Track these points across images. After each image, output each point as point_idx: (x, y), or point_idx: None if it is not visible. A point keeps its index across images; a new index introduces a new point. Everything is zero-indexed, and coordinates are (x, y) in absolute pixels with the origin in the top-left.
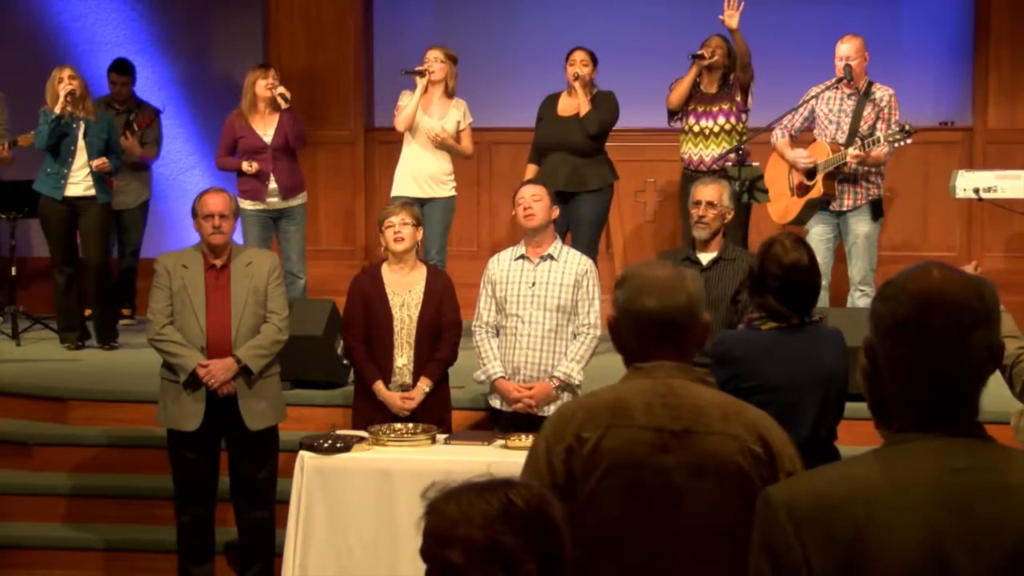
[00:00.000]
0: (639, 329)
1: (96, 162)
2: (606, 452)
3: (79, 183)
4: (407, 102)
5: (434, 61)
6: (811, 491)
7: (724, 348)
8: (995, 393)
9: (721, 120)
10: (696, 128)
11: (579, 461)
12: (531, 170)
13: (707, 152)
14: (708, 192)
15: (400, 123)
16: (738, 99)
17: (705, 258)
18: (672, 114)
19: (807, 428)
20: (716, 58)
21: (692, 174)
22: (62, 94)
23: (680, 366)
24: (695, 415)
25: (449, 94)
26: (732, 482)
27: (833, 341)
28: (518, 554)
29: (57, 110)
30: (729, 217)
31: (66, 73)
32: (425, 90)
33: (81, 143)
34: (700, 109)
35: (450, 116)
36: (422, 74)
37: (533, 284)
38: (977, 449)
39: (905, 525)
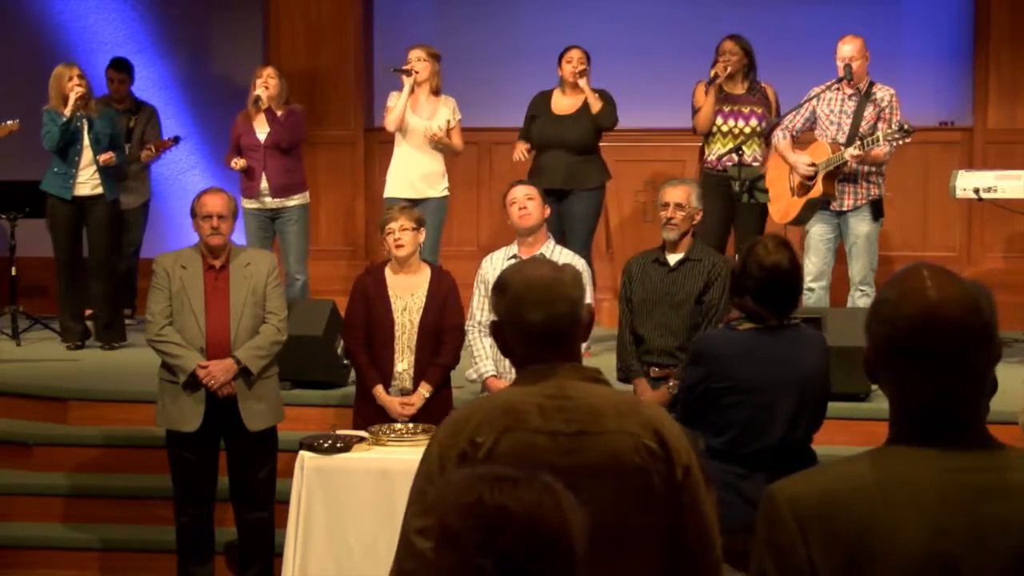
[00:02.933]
0: (524, 338)
1: (103, 157)
2: (501, 457)
3: (86, 182)
4: (397, 102)
5: (417, 61)
6: (815, 489)
7: (701, 347)
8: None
9: (753, 122)
10: (724, 128)
11: (472, 466)
12: (521, 145)
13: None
14: (676, 194)
15: (389, 124)
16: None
17: (673, 259)
18: (697, 131)
19: (781, 429)
20: (730, 70)
21: (713, 174)
22: (73, 97)
23: (571, 366)
24: (589, 416)
25: (435, 92)
26: (631, 479)
27: (813, 344)
28: (469, 546)
29: (68, 112)
30: (698, 218)
31: (75, 73)
32: (412, 90)
33: (87, 141)
34: (727, 109)
35: (440, 114)
36: (408, 73)
37: None
38: (981, 453)
39: (909, 523)
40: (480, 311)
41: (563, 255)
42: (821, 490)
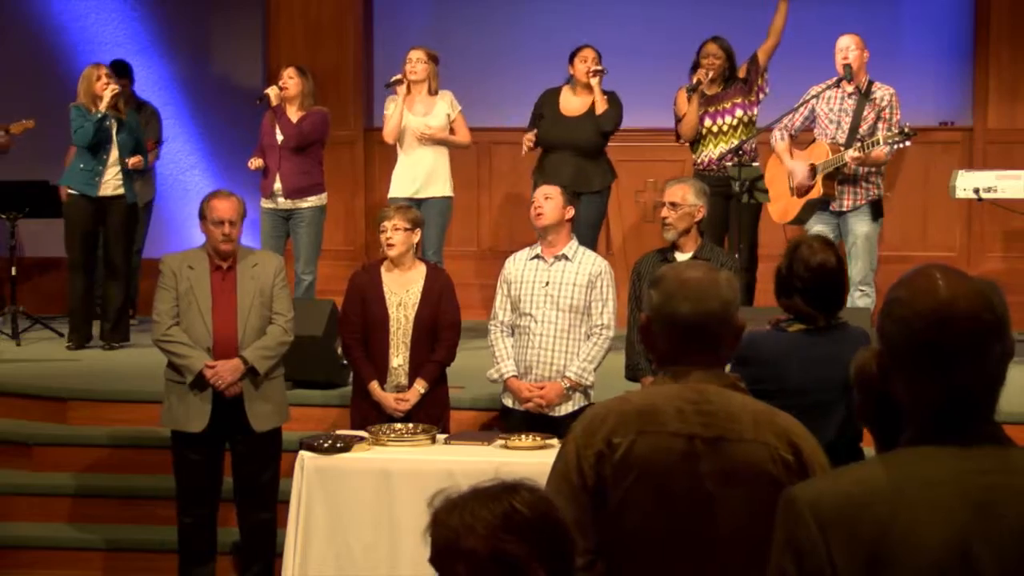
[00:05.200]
0: (671, 333)
1: (132, 160)
2: (637, 458)
3: (109, 182)
4: (392, 112)
5: (417, 61)
6: (835, 491)
7: (750, 349)
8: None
9: (739, 113)
10: (715, 128)
11: (610, 466)
12: (528, 135)
13: (721, 150)
14: (671, 193)
15: (387, 135)
16: (760, 82)
17: (680, 258)
18: (683, 139)
19: (833, 431)
20: (712, 75)
21: (706, 175)
22: (107, 95)
23: (712, 371)
24: (727, 422)
25: (432, 93)
26: (763, 489)
27: (860, 342)
28: (524, 561)
29: (103, 109)
30: (699, 215)
31: (103, 72)
32: (408, 92)
33: (115, 141)
34: (712, 109)
35: (438, 110)
36: (400, 82)
37: (547, 284)
38: (998, 452)
39: (930, 525)
40: (503, 311)
41: (585, 255)
42: (842, 492)
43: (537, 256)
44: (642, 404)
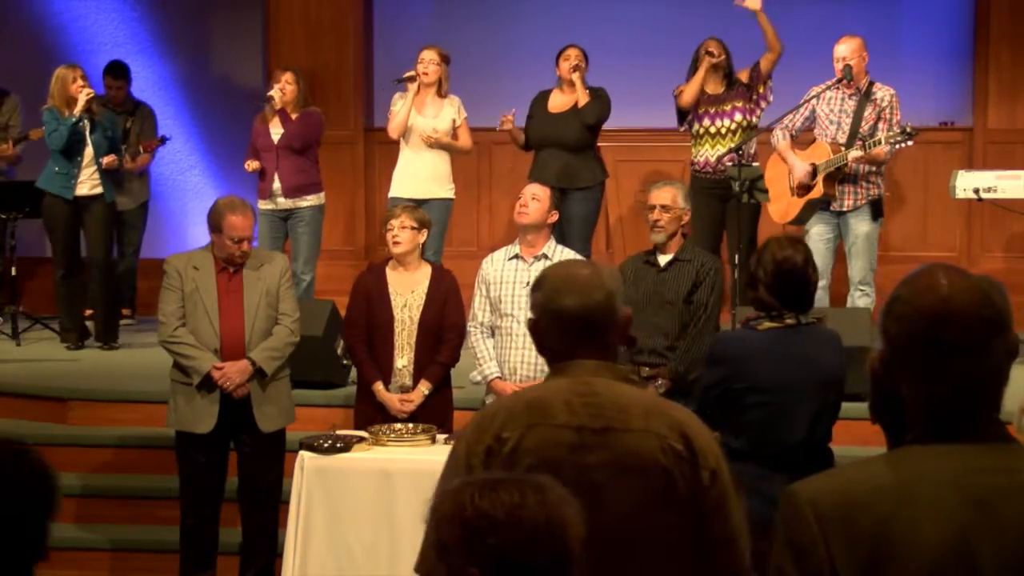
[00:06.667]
0: (559, 329)
1: (106, 159)
2: (526, 452)
3: (86, 182)
4: (400, 107)
5: (429, 63)
6: (835, 488)
7: (719, 348)
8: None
9: (738, 117)
10: (712, 129)
11: (499, 461)
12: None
13: (719, 152)
14: (661, 196)
15: (393, 131)
16: (761, 90)
17: (663, 260)
18: (683, 115)
19: (802, 430)
20: (722, 57)
21: (703, 176)
22: (83, 98)
23: (602, 364)
24: (615, 412)
25: (442, 94)
26: (653, 480)
27: (831, 343)
28: (455, 556)
29: (77, 112)
30: (686, 218)
31: (79, 74)
32: (418, 91)
33: (89, 142)
34: (712, 110)
35: (444, 114)
36: (413, 79)
37: (527, 284)
38: (1000, 450)
39: (930, 522)
40: (482, 312)
41: (565, 254)
42: (842, 490)
43: (516, 256)
44: (532, 399)
